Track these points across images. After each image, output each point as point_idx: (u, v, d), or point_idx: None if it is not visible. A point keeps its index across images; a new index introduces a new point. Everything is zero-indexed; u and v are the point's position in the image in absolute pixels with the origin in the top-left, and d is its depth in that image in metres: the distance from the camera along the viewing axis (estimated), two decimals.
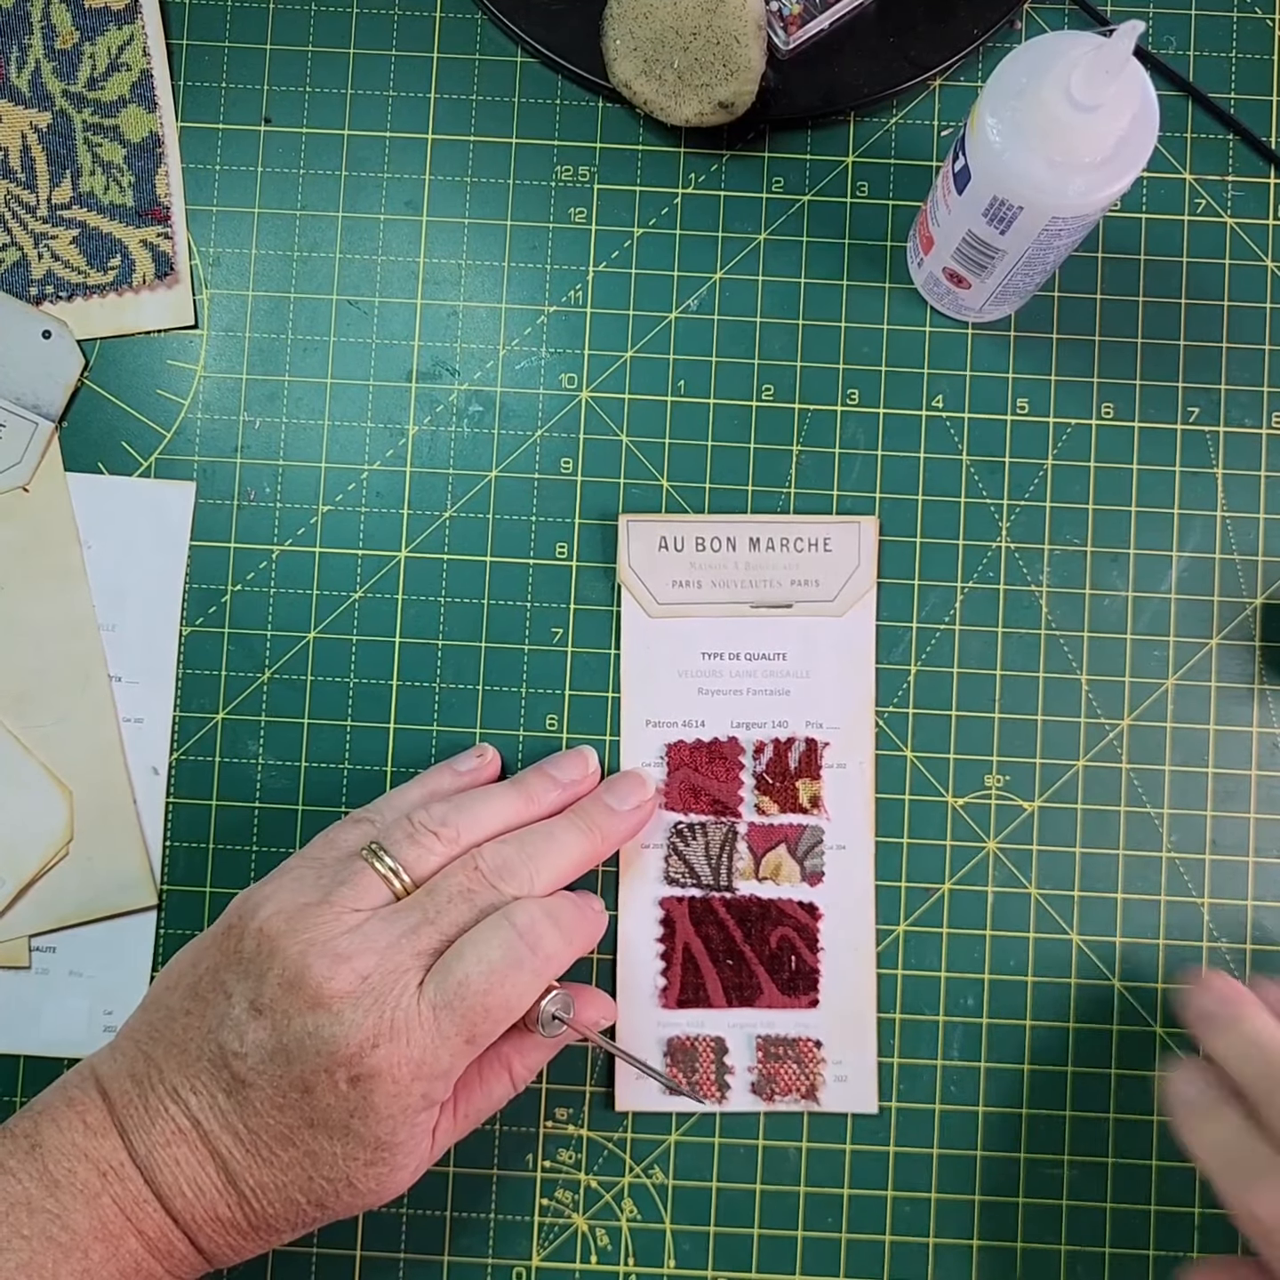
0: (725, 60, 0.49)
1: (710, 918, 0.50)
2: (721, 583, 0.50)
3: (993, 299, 0.49)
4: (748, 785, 0.50)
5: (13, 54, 0.51)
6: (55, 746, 0.50)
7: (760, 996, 0.50)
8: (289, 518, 0.51)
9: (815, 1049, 0.49)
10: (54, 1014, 0.50)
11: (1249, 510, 0.51)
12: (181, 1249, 0.41)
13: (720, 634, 0.51)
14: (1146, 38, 0.53)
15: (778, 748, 0.50)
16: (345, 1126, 0.40)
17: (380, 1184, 0.41)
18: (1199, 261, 0.52)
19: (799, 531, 0.51)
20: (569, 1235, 0.49)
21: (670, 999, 0.50)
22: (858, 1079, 0.49)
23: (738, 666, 0.51)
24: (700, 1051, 0.49)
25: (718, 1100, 0.49)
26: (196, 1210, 0.40)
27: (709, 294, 0.52)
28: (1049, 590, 0.51)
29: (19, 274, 0.51)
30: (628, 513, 0.51)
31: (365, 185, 0.52)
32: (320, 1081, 0.40)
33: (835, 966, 0.50)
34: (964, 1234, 0.49)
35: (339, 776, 0.51)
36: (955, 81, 0.53)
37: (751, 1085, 0.49)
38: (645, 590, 0.50)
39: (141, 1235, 0.40)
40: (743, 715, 0.51)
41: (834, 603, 0.51)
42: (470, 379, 0.52)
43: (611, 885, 0.50)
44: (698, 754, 0.50)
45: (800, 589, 0.50)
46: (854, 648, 0.51)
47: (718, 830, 0.50)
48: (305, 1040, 0.40)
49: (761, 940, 0.50)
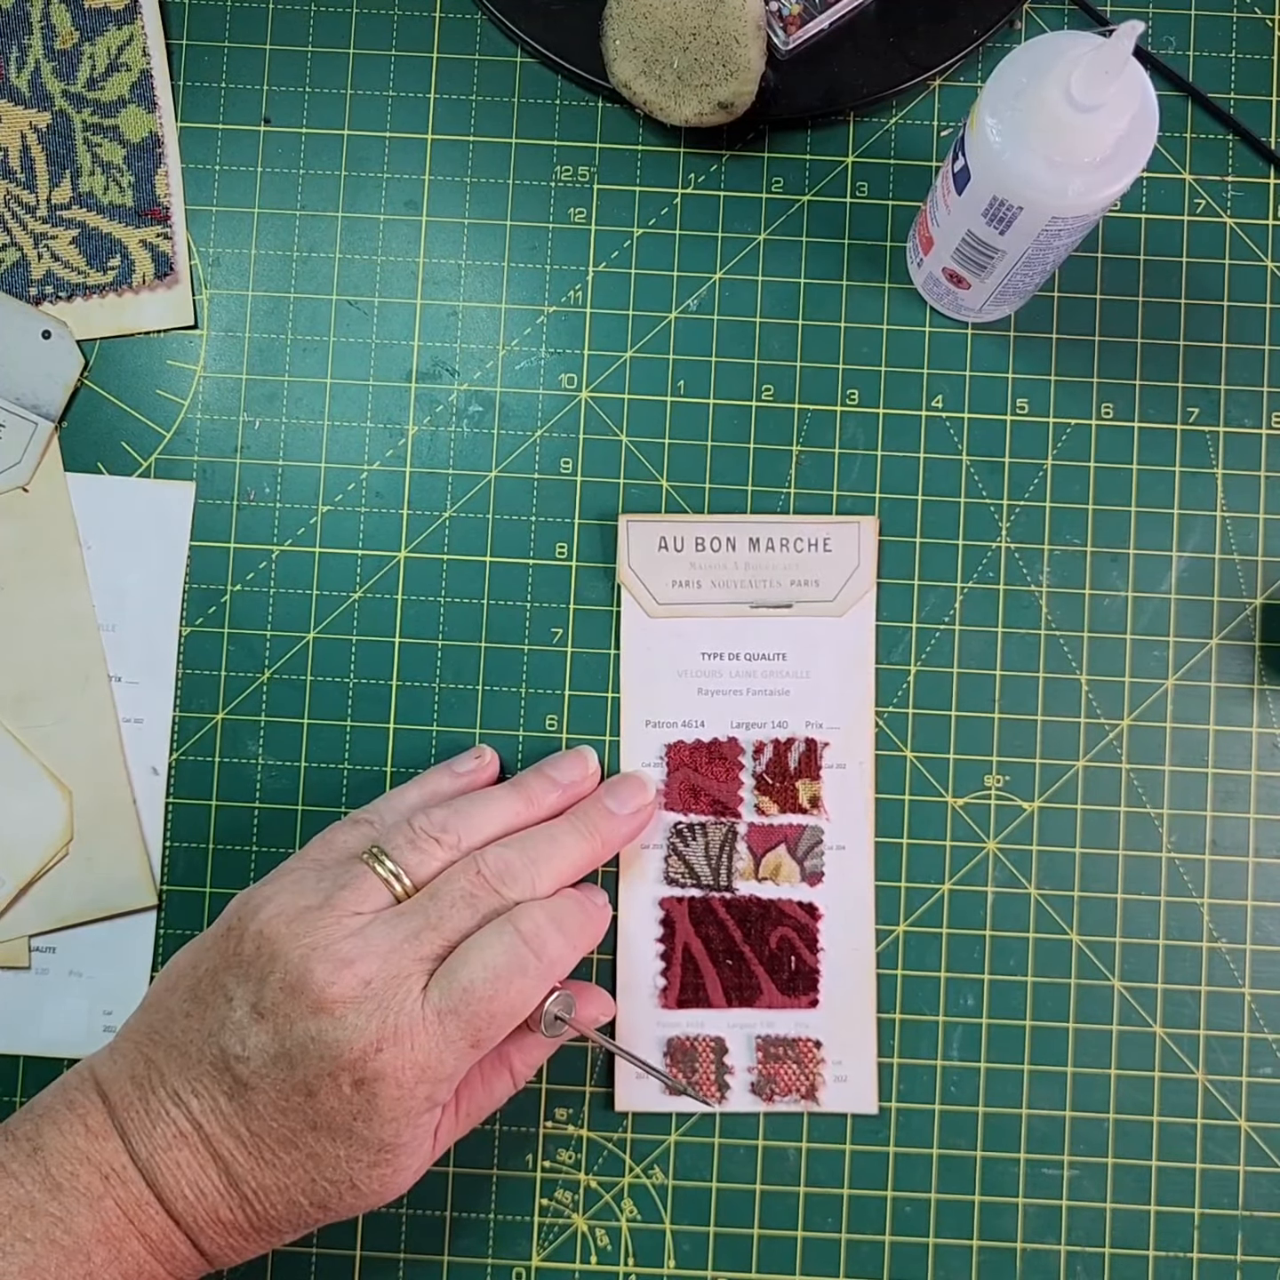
0: (725, 60, 0.49)
1: (710, 918, 0.50)
2: (721, 583, 0.50)
3: (992, 299, 0.49)
4: (747, 785, 0.50)
5: (13, 54, 0.51)
6: (55, 746, 0.50)
7: (760, 997, 0.50)
8: (289, 518, 0.51)
9: (815, 1049, 0.49)
10: (54, 1014, 0.50)
11: (1249, 510, 0.51)
12: (183, 1251, 0.41)
13: (720, 634, 0.51)
14: (1146, 38, 0.53)
15: (777, 748, 0.50)
16: (348, 1129, 0.40)
17: (383, 1185, 0.41)
18: (1199, 261, 0.52)
19: (799, 531, 0.51)
20: (569, 1235, 0.49)
21: (670, 999, 0.50)
22: (858, 1079, 0.49)
23: (737, 666, 0.51)
24: (700, 1052, 0.49)
25: (718, 1100, 0.49)
26: (198, 1212, 0.40)
27: (709, 294, 0.52)
28: (1049, 590, 0.51)
29: (19, 274, 0.51)
30: (628, 513, 0.51)
31: (365, 185, 0.52)
32: (324, 1085, 0.40)
33: (835, 967, 0.50)
34: (964, 1234, 0.49)
35: (339, 776, 0.51)
36: (955, 81, 0.53)
37: (751, 1085, 0.49)
38: (645, 590, 0.50)
39: (144, 1238, 0.40)
40: (742, 715, 0.51)
41: (834, 603, 0.51)
42: (470, 379, 0.52)
43: (611, 885, 0.50)
44: (697, 754, 0.50)
45: (800, 589, 0.50)
46: (854, 648, 0.51)
47: (717, 830, 0.50)
48: (308, 1045, 0.40)
49: (761, 940, 0.50)
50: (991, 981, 0.50)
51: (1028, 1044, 0.50)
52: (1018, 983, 0.50)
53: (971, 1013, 0.50)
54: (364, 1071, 0.40)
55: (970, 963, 0.50)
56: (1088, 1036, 0.50)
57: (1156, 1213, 0.49)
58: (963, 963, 0.50)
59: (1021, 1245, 0.49)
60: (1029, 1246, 0.49)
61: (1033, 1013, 0.50)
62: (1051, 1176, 0.49)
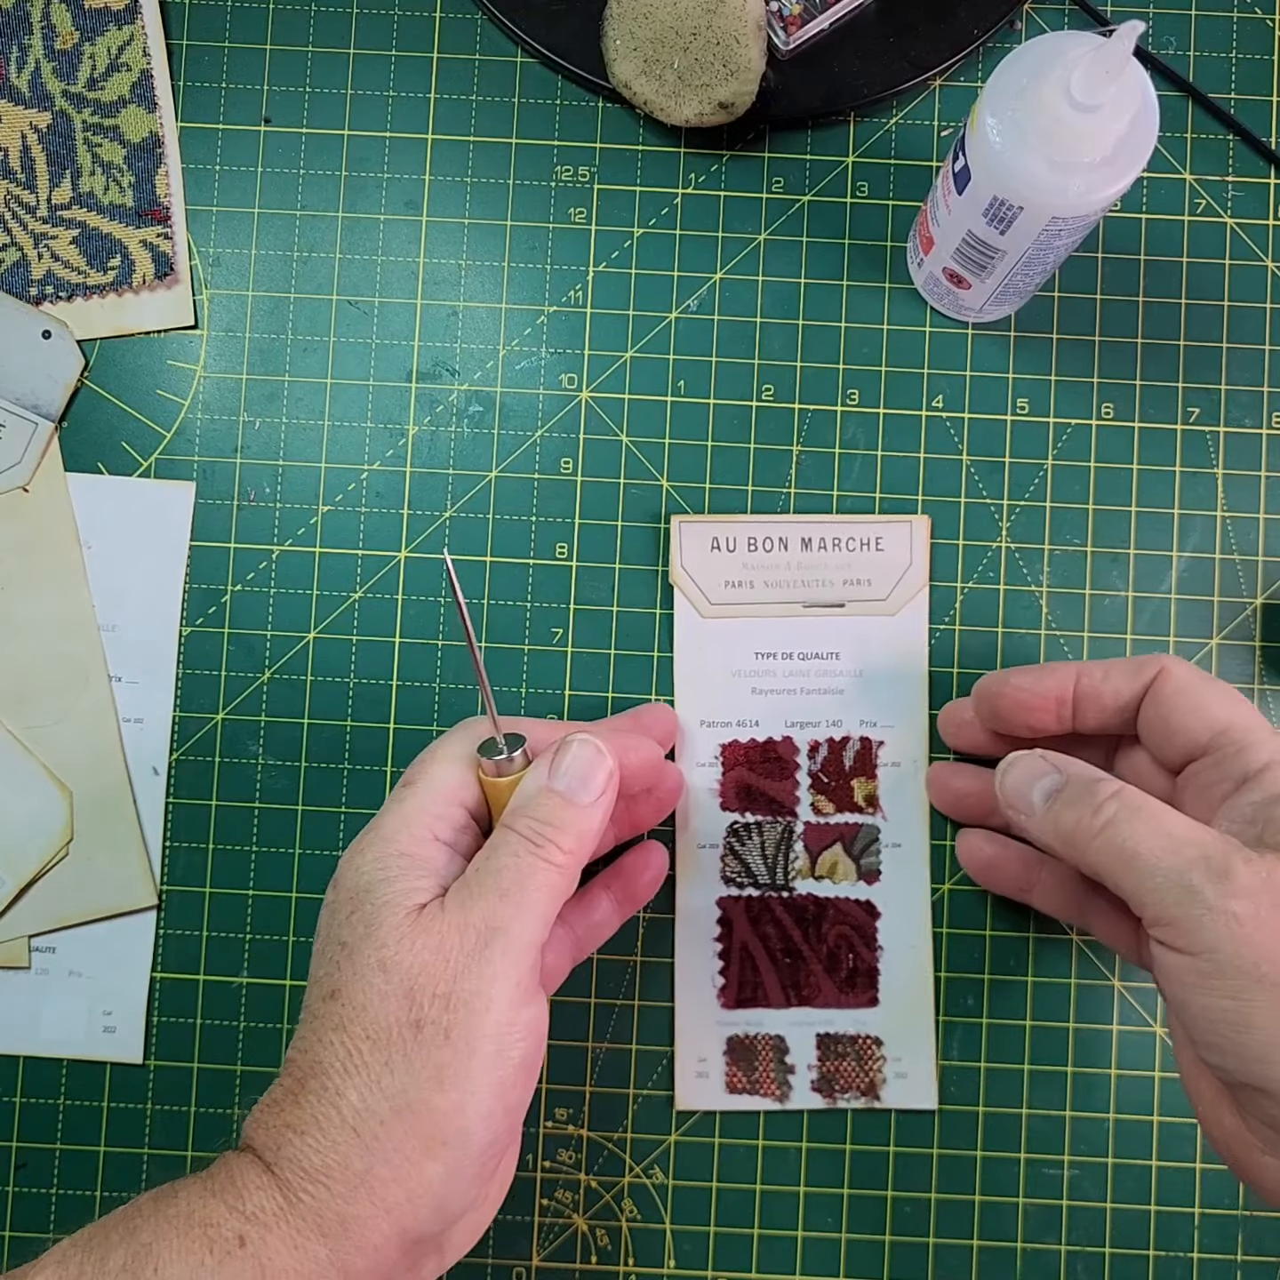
0: (725, 60, 0.49)
1: (767, 917, 0.50)
2: (774, 583, 0.50)
3: (993, 299, 0.49)
4: (803, 785, 0.50)
5: (13, 54, 0.51)
6: (55, 746, 0.50)
7: (819, 995, 0.50)
8: (289, 518, 0.51)
9: (875, 1046, 0.49)
10: (54, 1014, 0.50)
11: (1249, 510, 0.51)
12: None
13: (773, 634, 0.51)
14: (1146, 38, 0.53)
15: (833, 746, 0.50)
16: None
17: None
18: (1199, 261, 0.52)
19: (850, 531, 0.51)
20: (569, 1235, 0.49)
21: (729, 998, 0.50)
22: (917, 1075, 0.49)
23: (791, 666, 0.51)
24: (760, 1050, 0.49)
25: (778, 1099, 0.49)
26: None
27: (709, 294, 0.52)
28: (1049, 590, 0.51)
29: (19, 274, 0.51)
30: (677, 514, 0.51)
31: (365, 185, 0.52)
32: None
33: (893, 964, 0.50)
34: (964, 1234, 0.49)
35: (339, 776, 0.51)
36: (955, 81, 0.53)
37: (812, 1083, 0.49)
38: (698, 590, 0.50)
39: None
40: (797, 715, 0.51)
41: (886, 602, 0.51)
42: (470, 379, 0.52)
43: (669, 886, 0.50)
44: (752, 753, 0.50)
45: (852, 588, 0.50)
46: (907, 646, 0.51)
47: (773, 830, 0.50)
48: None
49: (819, 939, 0.50)
50: (991, 981, 0.50)
51: (1028, 1044, 0.50)
52: (1018, 983, 0.50)
53: (971, 1013, 0.50)
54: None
55: (970, 963, 0.50)
56: (1088, 1036, 0.50)
57: (1156, 1212, 0.49)
58: (963, 963, 0.50)
59: (1021, 1245, 0.49)
60: (1029, 1246, 0.49)
61: (1033, 1013, 0.50)
62: (1051, 1176, 0.49)
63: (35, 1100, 0.50)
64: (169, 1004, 0.50)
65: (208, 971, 0.50)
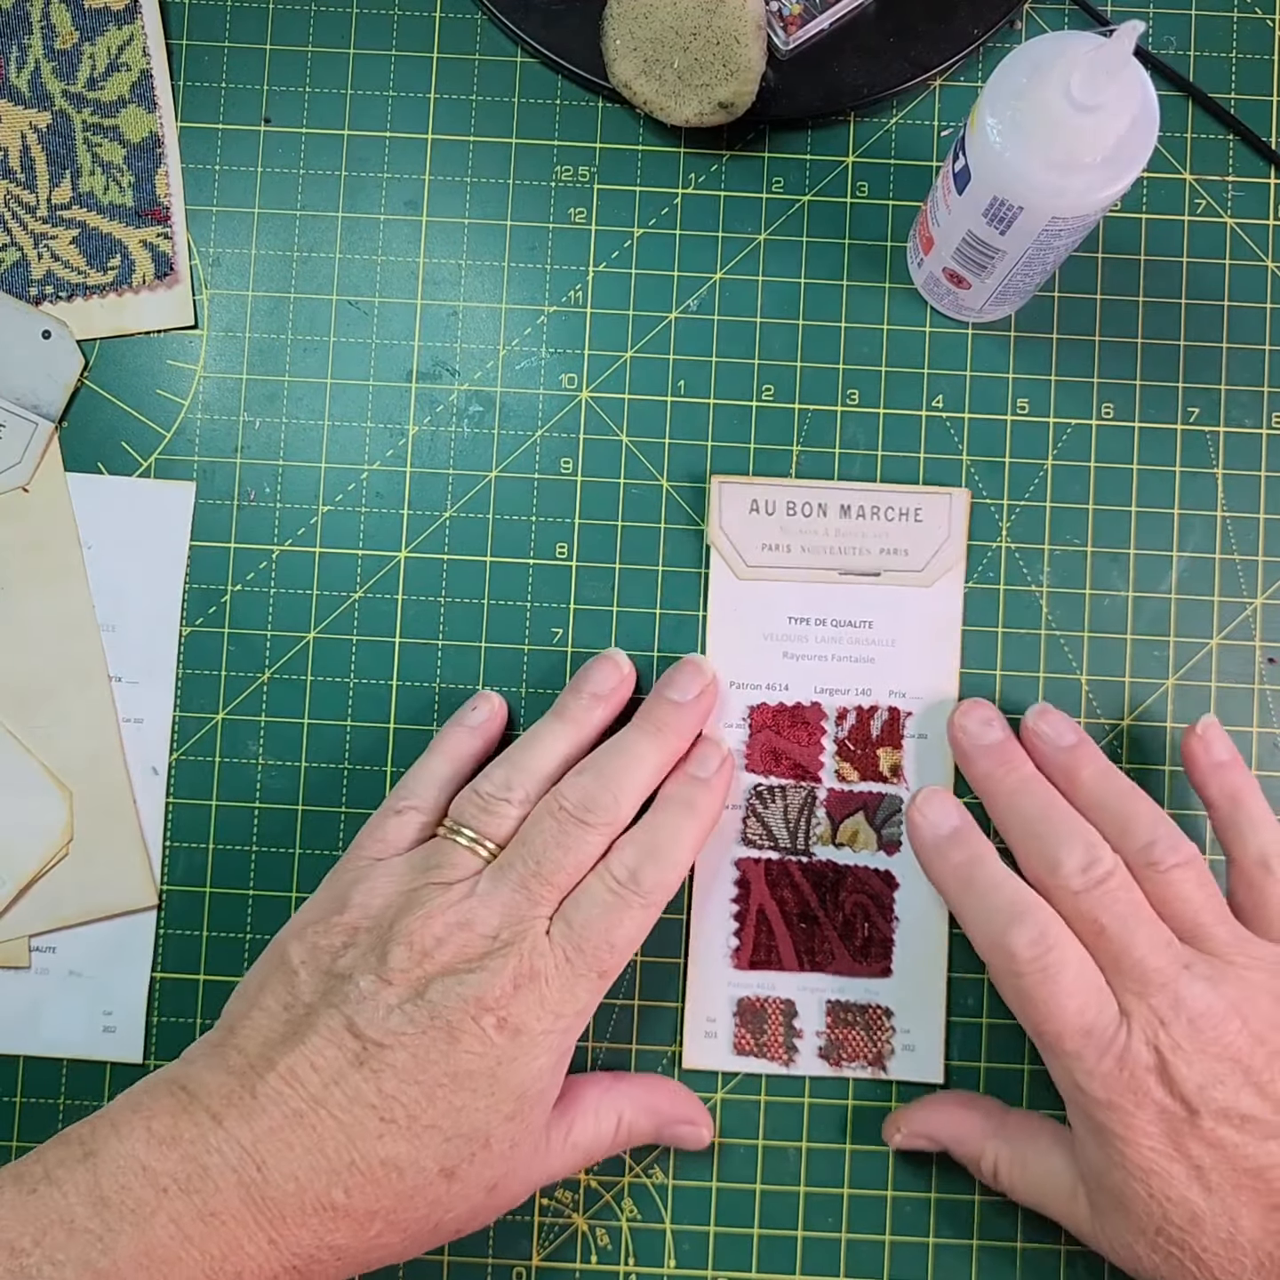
0: (725, 60, 0.49)
1: (785, 880, 0.50)
2: (811, 548, 0.50)
3: (993, 299, 0.49)
4: (829, 750, 0.50)
5: (13, 54, 0.51)
6: (55, 746, 0.50)
7: (832, 962, 0.50)
8: (289, 518, 0.51)
9: (885, 1017, 0.49)
10: (54, 1014, 0.50)
11: (1249, 510, 0.51)
12: (255, 1263, 0.38)
13: (807, 599, 0.51)
14: (1146, 38, 0.53)
15: (860, 714, 0.50)
16: (491, 1074, 0.40)
17: (513, 1148, 0.41)
18: (1199, 261, 0.52)
19: (890, 500, 0.51)
20: (569, 1235, 0.49)
21: (742, 959, 0.50)
22: (925, 1048, 0.49)
23: (823, 632, 0.51)
24: (769, 1013, 0.49)
25: (784, 1063, 0.49)
26: (305, 1198, 0.38)
27: (709, 294, 0.52)
28: (1049, 590, 0.51)
29: (19, 274, 0.51)
30: (718, 474, 0.51)
31: (365, 185, 0.52)
32: (467, 1028, 0.40)
33: (908, 937, 0.50)
34: (964, 1234, 0.49)
35: (339, 776, 0.51)
36: (955, 81, 0.53)
37: (819, 1050, 0.49)
38: (735, 552, 0.50)
39: (206, 1256, 0.37)
40: (826, 681, 0.51)
41: (923, 573, 0.51)
42: (470, 379, 0.52)
43: None
44: (780, 717, 0.50)
45: (889, 558, 0.50)
46: (941, 619, 0.51)
47: (797, 794, 0.50)
48: (449, 991, 0.40)
49: (836, 905, 0.50)
50: (992, 981, 0.50)
51: (1028, 1044, 0.50)
52: None
53: (971, 1013, 0.50)
54: (506, 1010, 0.40)
55: (970, 963, 0.50)
56: None
57: None
58: (963, 963, 0.50)
59: (1021, 1245, 0.49)
60: (1029, 1246, 0.49)
61: None
62: None
63: (35, 1100, 0.50)
64: (169, 1004, 0.50)
65: (208, 971, 0.50)
